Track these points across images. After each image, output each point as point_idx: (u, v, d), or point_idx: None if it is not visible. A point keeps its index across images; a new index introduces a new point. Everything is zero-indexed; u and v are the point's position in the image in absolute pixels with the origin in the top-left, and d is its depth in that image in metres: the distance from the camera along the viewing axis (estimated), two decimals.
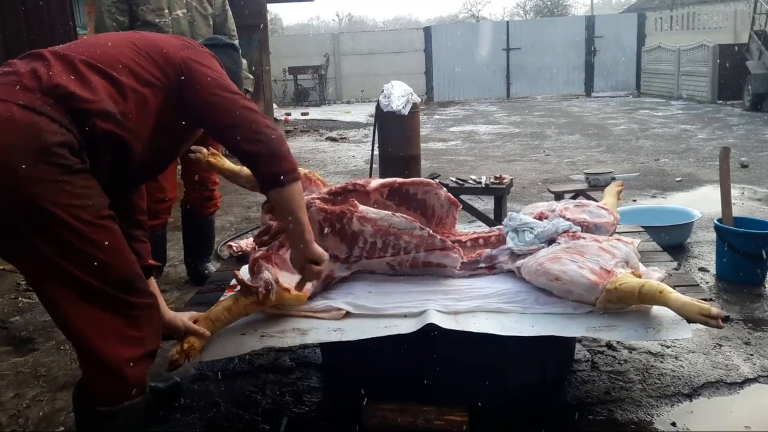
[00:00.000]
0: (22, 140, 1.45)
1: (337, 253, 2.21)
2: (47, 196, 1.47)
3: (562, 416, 2.20)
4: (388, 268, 2.29)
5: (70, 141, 1.51)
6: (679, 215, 4.15)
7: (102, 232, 1.57)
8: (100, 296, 1.57)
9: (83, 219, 1.52)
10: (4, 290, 3.68)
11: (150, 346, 1.67)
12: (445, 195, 2.45)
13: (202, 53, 1.78)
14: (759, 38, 11.71)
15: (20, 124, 1.46)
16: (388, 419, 2.05)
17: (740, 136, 8.84)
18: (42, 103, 1.49)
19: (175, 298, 3.44)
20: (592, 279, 1.96)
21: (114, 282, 1.59)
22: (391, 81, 5.31)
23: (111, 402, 1.62)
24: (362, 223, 2.15)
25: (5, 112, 1.46)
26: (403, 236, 2.19)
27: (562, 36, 17.53)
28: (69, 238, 1.51)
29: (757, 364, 2.48)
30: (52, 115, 1.49)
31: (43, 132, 1.47)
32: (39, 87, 1.51)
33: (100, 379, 1.61)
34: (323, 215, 2.15)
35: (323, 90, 17.65)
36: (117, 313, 1.59)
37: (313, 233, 1.87)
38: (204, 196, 3.58)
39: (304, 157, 8.63)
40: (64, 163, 1.50)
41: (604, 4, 39.01)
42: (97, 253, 1.55)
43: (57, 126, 1.49)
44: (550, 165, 7.25)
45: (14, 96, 1.48)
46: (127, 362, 1.59)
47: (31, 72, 1.54)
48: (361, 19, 46.52)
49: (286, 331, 1.98)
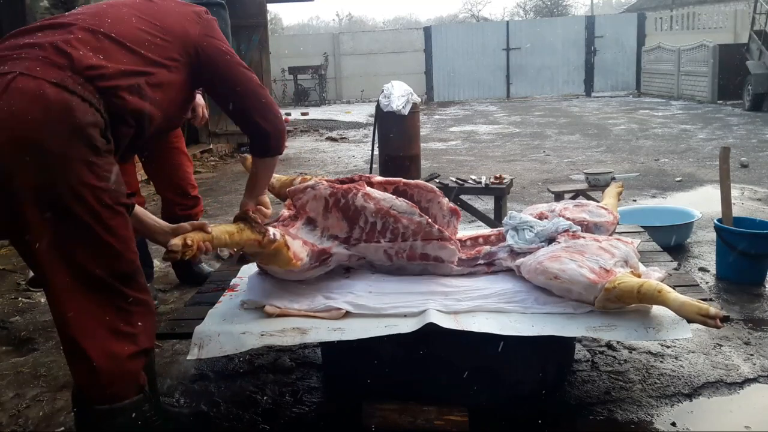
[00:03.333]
0: (56, 118, 1.45)
1: (338, 232, 2.24)
2: (77, 176, 1.47)
3: (562, 416, 2.20)
4: (385, 258, 2.30)
5: (98, 121, 1.52)
6: (679, 215, 4.15)
7: (118, 217, 1.57)
8: (101, 287, 1.56)
9: (104, 202, 1.52)
10: (4, 290, 3.68)
11: (143, 343, 1.65)
12: (447, 204, 2.45)
13: (210, 24, 1.84)
14: (759, 38, 11.71)
15: (53, 102, 1.45)
16: (388, 419, 2.06)
17: (740, 136, 8.84)
18: (73, 82, 1.49)
19: (175, 298, 3.44)
20: (591, 278, 1.96)
21: (119, 274, 1.58)
22: (391, 81, 5.32)
23: (106, 400, 1.61)
24: (366, 199, 2.20)
25: (38, 90, 1.45)
26: (402, 219, 2.21)
27: (562, 36, 17.53)
28: (88, 219, 1.50)
29: (757, 364, 2.48)
30: (83, 95, 1.49)
31: (76, 111, 1.47)
32: (69, 65, 1.50)
33: (89, 375, 1.59)
34: (330, 191, 2.22)
35: (323, 90, 17.65)
36: (113, 305, 1.58)
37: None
38: (188, 204, 3.35)
39: (304, 157, 8.63)
40: (94, 144, 1.50)
41: (604, 4, 39.01)
42: (111, 239, 1.54)
43: (87, 105, 1.49)
44: (550, 165, 7.25)
45: (45, 73, 1.47)
46: (114, 357, 1.58)
47: (56, 47, 1.52)
48: (361, 19, 46.51)
49: (286, 330, 1.98)
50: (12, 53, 1.52)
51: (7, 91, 1.44)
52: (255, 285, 2.26)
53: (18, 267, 4.02)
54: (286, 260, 2.05)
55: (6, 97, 1.43)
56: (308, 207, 2.25)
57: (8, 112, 1.43)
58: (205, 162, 8.27)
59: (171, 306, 3.31)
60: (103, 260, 1.55)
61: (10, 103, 1.43)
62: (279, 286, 2.23)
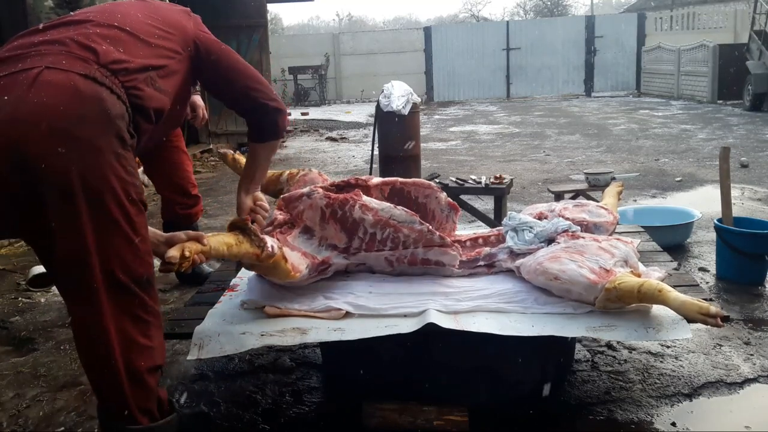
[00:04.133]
0: (89, 108, 1.43)
1: (336, 242, 2.22)
2: (110, 167, 1.46)
3: (562, 416, 2.20)
4: (386, 265, 2.29)
5: (125, 114, 1.51)
6: (679, 215, 4.15)
7: (141, 215, 1.55)
8: (124, 291, 1.51)
9: (132, 197, 1.51)
10: (4, 290, 3.68)
11: (159, 359, 1.62)
12: (445, 199, 2.45)
13: (199, 19, 1.89)
14: (759, 38, 11.71)
15: (85, 94, 1.44)
16: (388, 419, 2.05)
17: (740, 136, 8.84)
18: (101, 75, 1.48)
19: (175, 298, 3.44)
20: (591, 278, 1.96)
21: (139, 278, 1.53)
22: (391, 81, 5.32)
23: (132, 419, 1.56)
24: (364, 211, 2.16)
25: (69, 82, 1.43)
26: (403, 229, 2.19)
27: (562, 36, 17.54)
28: (117, 214, 1.47)
29: (757, 364, 2.48)
30: (112, 87, 1.48)
31: (107, 102, 1.46)
32: (95, 59, 1.49)
33: (112, 391, 1.54)
34: (326, 201, 2.18)
35: (323, 90, 17.66)
36: (131, 314, 1.54)
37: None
38: (188, 204, 3.38)
39: (304, 157, 8.63)
40: (122, 136, 1.49)
41: (604, 4, 39.00)
42: (135, 238, 1.51)
43: (116, 98, 1.49)
44: (550, 165, 7.25)
45: (73, 65, 1.46)
46: (135, 372, 1.54)
47: (78, 42, 1.51)
48: (361, 19, 46.51)
49: (287, 330, 1.98)
50: (30, 51, 1.49)
51: (35, 84, 1.41)
52: (255, 285, 2.25)
53: (18, 267, 4.02)
54: (284, 273, 2.02)
55: (35, 89, 1.40)
56: (304, 216, 2.22)
57: (39, 104, 1.39)
58: (205, 162, 8.27)
59: (171, 306, 3.31)
60: (126, 261, 1.50)
61: (40, 95, 1.40)
62: (279, 286, 2.22)
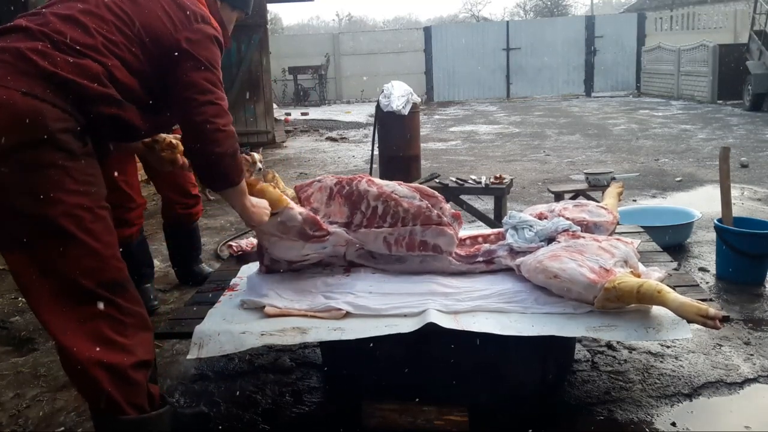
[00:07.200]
0: (27, 127, 1.45)
1: (339, 218, 2.30)
2: (53, 183, 1.47)
3: (562, 416, 2.20)
4: (384, 246, 2.31)
5: (72, 126, 1.51)
6: (679, 215, 4.15)
7: (100, 222, 1.55)
8: (90, 298, 1.53)
9: (85, 206, 1.52)
10: (4, 290, 3.68)
11: (142, 355, 1.63)
12: (449, 209, 2.46)
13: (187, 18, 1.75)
14: (759, 38, 11.71)
15: (23, 112, 1.45)
16: (388, 419, 2.05)
17: (740, 136, 8.84)
18: (43, 90, 1.48)
19: (175, 298, 3.44)
20: (591, 278, 1.96)
21: (106, 282, 1.55)
22: (391, 81, 5.33)
23: (122, 413, 1.57)
24: (369, 184, 2.29)
25: (9, 100, 1.44)
26: (403, 203, 2.27)
27: (562, 36, 17.53)
28: (67, 225, 1.48)
29: (757, 364, 2.48)
30: (54, 101, 1.49)
31: (47, 118, 1.46)
32: (37, 72, 1.49)
33: (95, 392, 1.56)
34: (336, 180, 2.33)
35: (323, 90, 17.65)
36: (105, 317, 1.55)
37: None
38: (188, 203, 3.39)
39: (304, 157, 8.63)
40: (69, 149, 1.50)
41: (604, 4, 38.98)
42: (94, 244, 1.52)
43: (59, 111, 1.49)
44: (550, 165, 7.25)
45: (17, 82, 1.46)
46: (116, 369, 1.54)
47: (21, 55, 1.50)
48: (361, 19, 46.49)
49: (287, 330, 1.98)
50: None
51: None
52: (255, 285, 2.26)
53: None
54: (274, 196, 2.11)
55: None
56: (312, 198, 2.31)
57: None
58: None
59: (171, 306, 3.31)
60: (88, 268, 1.52)
61: None
62: (279, 285, 2.23)
